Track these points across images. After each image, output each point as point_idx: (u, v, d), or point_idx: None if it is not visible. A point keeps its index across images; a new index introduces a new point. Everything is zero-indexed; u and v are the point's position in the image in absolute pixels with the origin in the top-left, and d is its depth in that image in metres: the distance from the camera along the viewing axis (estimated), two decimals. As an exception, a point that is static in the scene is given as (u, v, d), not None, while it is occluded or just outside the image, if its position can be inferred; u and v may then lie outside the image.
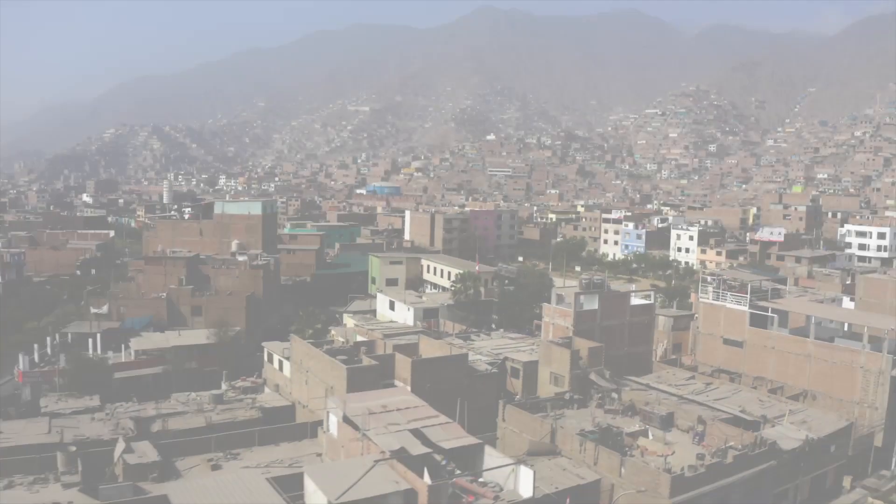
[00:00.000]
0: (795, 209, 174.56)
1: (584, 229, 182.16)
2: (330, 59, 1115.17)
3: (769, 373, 54.59)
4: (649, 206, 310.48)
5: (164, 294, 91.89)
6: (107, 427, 53.13)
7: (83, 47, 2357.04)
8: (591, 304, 56.05)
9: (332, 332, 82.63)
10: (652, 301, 59.56)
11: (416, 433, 33.83)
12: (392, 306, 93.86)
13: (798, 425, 45.54)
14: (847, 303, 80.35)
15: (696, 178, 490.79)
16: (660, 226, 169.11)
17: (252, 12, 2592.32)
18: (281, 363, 60.18)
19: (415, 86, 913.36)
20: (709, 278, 60.46)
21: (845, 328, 57.97)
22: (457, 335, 63.55)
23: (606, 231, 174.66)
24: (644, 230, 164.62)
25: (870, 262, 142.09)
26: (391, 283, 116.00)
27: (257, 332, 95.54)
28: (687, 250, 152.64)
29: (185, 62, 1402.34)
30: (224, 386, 65.06)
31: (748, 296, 56.32)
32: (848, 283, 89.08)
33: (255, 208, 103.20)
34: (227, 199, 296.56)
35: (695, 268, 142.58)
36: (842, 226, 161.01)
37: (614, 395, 49.53)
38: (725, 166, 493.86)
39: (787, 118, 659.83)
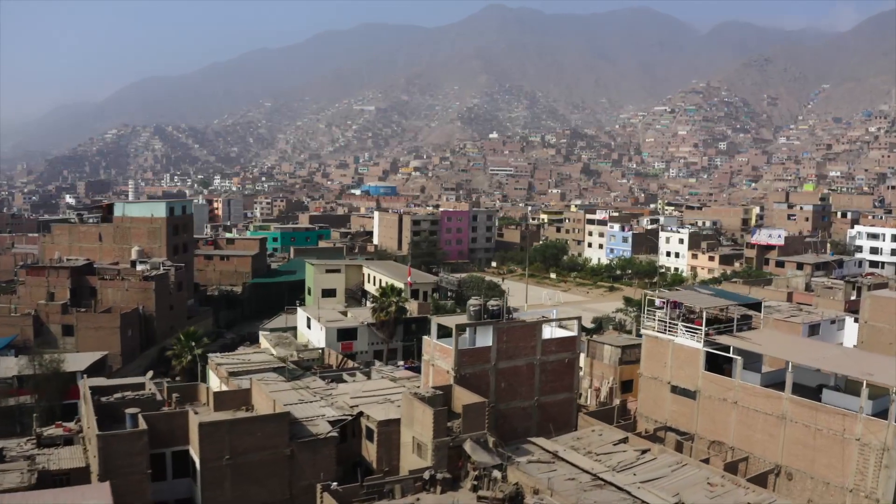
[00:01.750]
0: (801, 209, 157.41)
1: (568, 231, 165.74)
2: (337, 58, 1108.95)
3: (729, 437, 38.94)
4: (652, 205, 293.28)
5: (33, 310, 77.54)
6: None
7: (94, 48, 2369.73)
8: (485, 338, 40.70)
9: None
10: (576, 333, 43.90)
11: None
12: (309, 324, 79.34)
13: (759, 531, 30.09)
14: (850, 324, 64.63)
15: (706, 176, 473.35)
16: (649, 227, 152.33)
17: (261, 13, 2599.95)
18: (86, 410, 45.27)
19: (421, 85, 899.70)
20: (657, 301, 44.81)
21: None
22: (323, 373, 48.20)
23: (591, 233, 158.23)
24: (630, 232, 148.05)
25: (882, 267, 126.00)
26: (328, 294, 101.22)
27: (148, 357, 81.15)
28: (677, 255, 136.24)
29: (195, 63, 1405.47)
30: (37, 432, 50.27)
31: (703, 327, 40.63)
32: (853, 298, 72.85)
33: (159, 210, 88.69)
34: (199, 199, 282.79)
35: (684, 274, 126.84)
36: (852, 227, 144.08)
37: (496, 473, 34.32)
38: (735, 164, 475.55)
39: (800, 115, 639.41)
